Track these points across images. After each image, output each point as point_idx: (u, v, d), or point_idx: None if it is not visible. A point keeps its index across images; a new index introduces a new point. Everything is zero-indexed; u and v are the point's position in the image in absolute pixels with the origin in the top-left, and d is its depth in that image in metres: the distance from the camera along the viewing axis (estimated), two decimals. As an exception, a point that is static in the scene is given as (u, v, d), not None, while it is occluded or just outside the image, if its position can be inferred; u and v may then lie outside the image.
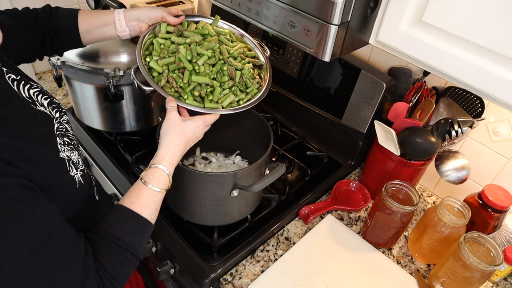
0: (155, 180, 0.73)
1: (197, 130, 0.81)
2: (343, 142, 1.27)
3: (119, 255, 0.66)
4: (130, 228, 0.68)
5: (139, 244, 0.69)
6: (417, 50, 0.72)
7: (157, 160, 0.75)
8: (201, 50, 0.89)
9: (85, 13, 0.93)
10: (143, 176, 0.73)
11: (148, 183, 0.72)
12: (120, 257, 0.66)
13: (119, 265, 0.65)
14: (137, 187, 0.72)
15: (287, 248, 1.03)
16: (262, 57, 1.01)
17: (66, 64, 1.10)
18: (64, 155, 0.69)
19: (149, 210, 0.71)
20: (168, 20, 0.93)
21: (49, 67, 1.64)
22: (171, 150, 0.76)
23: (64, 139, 0.72)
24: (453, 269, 0.88)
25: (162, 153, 0.76)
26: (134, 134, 1.29)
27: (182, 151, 0.79)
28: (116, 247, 0.66)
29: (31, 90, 0.73)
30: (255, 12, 0.85)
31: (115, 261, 0.65)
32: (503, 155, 1.05)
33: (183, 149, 0.79)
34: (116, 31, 0.93)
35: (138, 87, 0.90)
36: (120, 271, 0.66)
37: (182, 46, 0.89)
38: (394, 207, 0.94)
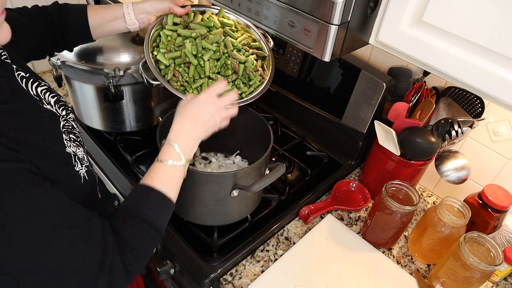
0: (165, 155, 0.73)
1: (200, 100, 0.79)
2: (343, 142, 1.27)
3: (136, 226, 0.66)
4: (146, 201, 0.69)
5: (156, 216, 0.69)
6: (417, 50, 0.72)
7: (167, 139, 0.76)
8: (206, 45, 0.91)
9: (94, 8, 0.94)
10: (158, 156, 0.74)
11: (159, 159, 0.73)
12: (138, 228, 0.66)
13: (138, 236, 0.66)
14: (153, 166, 0.73)
15: (287, 248, 1.03)
16: (266, 48, 1.02)
17: (66, 64, 1.10)
18: (70, 151, 0.70)
19: (163, 183, 0.71)
20: (175, 10, 0.95)
21: (49, 67, 1.64)
22: (175, 126, 0.76)
23: (70, 135, 0.73)
24: (453, 269, 0.88)
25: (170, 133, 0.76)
26: (134, 134, 1.29)
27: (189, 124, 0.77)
28: (133, 219, 0.66)
29: (39, 88, 0.74)
30: (255, 12, 0.85)
31: (133, 232, 0.65)
32: (503, 155, 1.05)
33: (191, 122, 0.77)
34: (125, 25, 0.95)
35: (146, 81, 0.93)
36: (140, 242, 0.66)
37: (188, 41, 0.91)
38: (394, 207, 0.94)
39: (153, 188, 0.70)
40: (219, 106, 0.80)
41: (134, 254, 0.65)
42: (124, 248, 0.64)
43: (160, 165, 0.73)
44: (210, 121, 0.79)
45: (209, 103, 0.79)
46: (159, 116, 1.00)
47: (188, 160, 0.76)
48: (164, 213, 0.71)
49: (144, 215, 0.67)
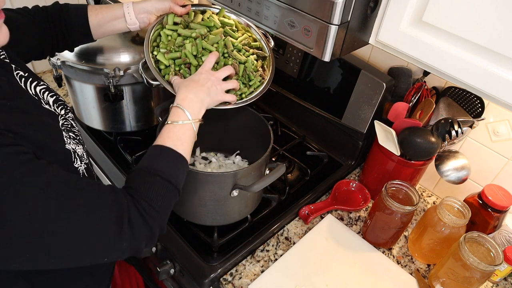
0: (173, 117, 0.76)
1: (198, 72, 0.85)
2: (343, 142, 1.27)
3: (151, 180, 0.67)
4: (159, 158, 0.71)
5: (170, 171, 0.70)
6: (417, 50, 0.72)
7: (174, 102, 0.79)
8: (206, 45, 0.91)
9: (95, 8, 0.95)
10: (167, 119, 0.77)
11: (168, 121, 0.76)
12: (152, 181, 0.67)
13: (153, 189, 0.67)
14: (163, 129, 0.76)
15: (287, 248, 1.03)
16: (266, 48, 1.02)
17: (66, 64, 1.10)
18: (70, 147, 0.71)
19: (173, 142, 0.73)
20: (176, 10, 0.95)
21: (49, 67, 1.64)
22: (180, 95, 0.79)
23: (70, 133, 0.74)
24: (453, 269, 0.88)
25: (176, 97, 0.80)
26: (134, 134, 1.29)
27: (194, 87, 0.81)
28: (147, 174, 0.68)
29: (38, 87, 0.74)
30: (255, 12, 0.85)
31: (148, 185, 0.67)
32: (503, 155, 1.05)
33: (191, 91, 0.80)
34: (126, 24, 0.96)
35: (146, 81, 0.93)
36: (155, 194, 0.66)
37: (188, 41, 0.91)
38: (394, 207, 0.94)
39: (164, 146, 0.71)
40: (217, 77, 0.85)
41: (152, 205, 0.65)
42: (140, 199, 0.65)
43: (169, 126, 0.75)
44: (212, 88, 0.83)
45: (208, 74, 0.84)
46: (159, 116, 1.00)
47: (197, 119, 0.78)
48: (178, 168, 0.72)
49: (157, 170, 0.68)
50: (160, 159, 0.71)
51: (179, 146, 0.73)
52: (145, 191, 0.66)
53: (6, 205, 0.52)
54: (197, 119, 0.78)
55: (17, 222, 0.53)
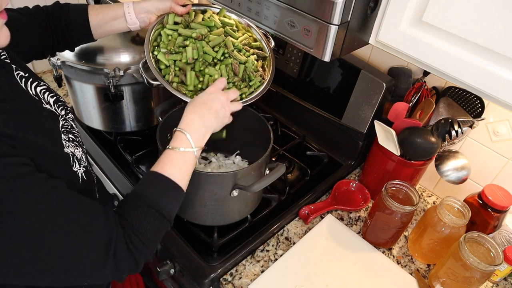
0: (176, 142, 0.74)
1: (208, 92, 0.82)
2: (343, 142, 1.27)
3: (144, 211, 0.66)
4: (155, 187, 0.69)
5: (165, 203, 0.68)
6: (417, 50, 0.72)
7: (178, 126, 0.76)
8: (207, 49, 0.91)
9: (95, 8, 0.95)
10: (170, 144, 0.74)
11: (170, 147, 0.74)
12: (145, 213, 0.66)
13: (145, 221, 0.65)
14: (163, 153, 0.74)
15: (287, 248, 1.03)
16: (266, 48, 1.02)
17: (66, 64, 1.10)
18: (69, 151, 0.70)
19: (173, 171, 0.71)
20: (176, 10, 0.95)
21: (49, 67, 1.64)
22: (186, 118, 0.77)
23: (69, 135, 0.74)
24: (453, 269, 0.88)
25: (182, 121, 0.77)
26: (134, 134, 1.29)
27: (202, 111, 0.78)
28: (141, 204, 0.66)
29: (38, 87, 0.74)
30: (255, 12, 0.85)
31: (140, 217, 0.65)
32: (503, 155, 1.05)
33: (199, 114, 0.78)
34: (126, 24, 0.96)
35: (146, 81, 0.93)
36: (147, 227, 0.65)
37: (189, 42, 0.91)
38: (394, 207, 0.94)
39: (162, 174, 0.69)
40: (227, 98, 0.83)
41: (141, 239, 0.64)
42: (130, 231, 0.63)
43: (170, 152, 0.73)
44: (221, 111, 0.81)
45: (218, 94, 0.82)
46: (159, 116, 1.00)
47: (200, 147, 0.76)
48: (173, 200, 0.70)
49: (152, 201, 0.67)
50: (156, 189, 0.69)
51: (178, 176, 0.71)
52: (137, 222, 0.65)
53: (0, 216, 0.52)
54: (200, 146, 0.76)
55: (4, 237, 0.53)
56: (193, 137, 0.74)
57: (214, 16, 1.00)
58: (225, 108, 0.82)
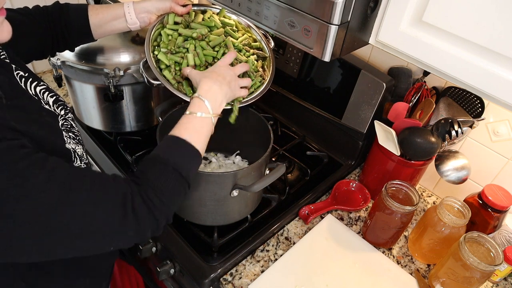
0: (194, 108, 0.75)
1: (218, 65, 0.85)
2: (343, 142, 1.27)
3: (162, 169, 0.67)
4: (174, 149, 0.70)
5: (182, 163, 0.69)
6: (417, 50, 0.72)
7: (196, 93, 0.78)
8: (208, 52, 0.91)
9: (95, 8, 0.95)
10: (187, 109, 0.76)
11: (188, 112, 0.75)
12: (163, 170, 0.67)
13: (162, 178, 0.66)
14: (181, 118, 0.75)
15: (287, 248, 1.03)
16: (266, 49, 1.02)
17: (66, 64, 1.10)
18: (70, 147, 0.71)
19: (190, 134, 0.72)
20: (176, 10, 0.95)
21: (49, 67, 1.64)
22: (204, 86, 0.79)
23: (70, 133, 0.74)
24: (453, 269, 0.88)
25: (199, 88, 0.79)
26: (134, 134, 1.29)
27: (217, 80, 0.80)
28: (159, 163, 0.67)
29: (38, 87, 0.74)
30: (255, 12, 0.85)
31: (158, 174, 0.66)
32: (503, 155, 1.05)
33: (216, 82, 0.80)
34: (126, 24, 0.96)
35: (147, 81, 0.93)
36: (164, 184, 0.66)
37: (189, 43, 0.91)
38: (394, 207, 0.94)
39: (180, 137, 0.71)
40: (235, 72, 0.86)
41: (157, 194, 0.64)
42: (146, 186, 0.64)
43: (189, 117, 0.74)
44: (232, 82, 0.83)
45: (227, 68, 0.84)
46: (159, 116, 1.00)
47: (216, 114, 0.77)
48: (191, 162, 0.71)
49: (168, 160, 0.67)
50: (174, 150, 0.70)
51: (196, 139, 0.72)
52: (155, 180, 0.65)
53: (10, 200, 0.52)
54: (217, 113, 0.78)
55: (23, 216, 0.53)
56: (211, 103, 0.76)
57: (214, 16, 1.00)
58: (235, 81, 0.85)
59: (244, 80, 0.88)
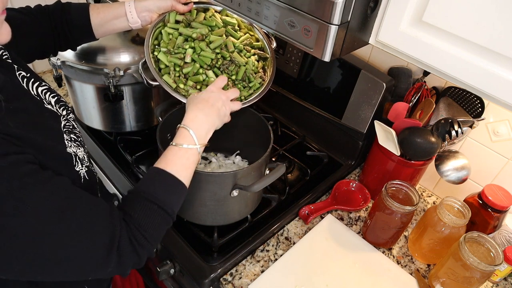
0: (180, 139, 0.75)
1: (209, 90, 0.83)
2: (343, 142, 1.27)
3: (146, 206, 0.67)
4: (158, 183, 0.70)
5: (168, 199, 0.69)
6: (417, 50, 0.72)
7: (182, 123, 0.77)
8: (206, 54, 0.91)
9: (96, 7, 0.95)
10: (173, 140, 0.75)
11: (173, 143, 0.74)
12: (148, 208, 0.67)
13: (147, 216, 0.66)
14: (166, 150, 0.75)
15: (287, 248, 1.03)
16: (268, 49, 1.02)
17: (66, 64, 1.10)
18: (71, 151, 0.71)
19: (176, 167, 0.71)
20: (178, 8, 0.95)
21: (49, 67, 1.64)
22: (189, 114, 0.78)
23: (71, 135, 0.74)
24: (453, 269, 0.88)
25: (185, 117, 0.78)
26: (134, 134, 1.29)
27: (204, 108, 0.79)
28: (143, 200, 0.67)
29: (40, 88, 0.74)
30: (255, 12, 0.85)
31: (143, 212, 0.66)
32: (503, 155, 1.05)
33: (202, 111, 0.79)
34: (128, 23, 0.96)
35: (146, 81, 0.93)
36: (149, 223, 0.66)
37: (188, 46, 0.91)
38: (394, 207, 0.94)
39: (165, 171, 0.70)
40: (227, 96, 0.84)
41: (144, 235, 0.65)
42: (133, 226, 0.64)
43: (174, 149, 0.73)
44: (222, 109, 0.82)
45: (219, 92, 0.83)
46: (159, 116, 1.00)
47: (203, 144, 0.76)
48: (176, 196, 0.71)
49: (154, 197, 0.67)
50: (159, 185, 0.69)
51: (181, 173, 0.71)
52: (140, 219, 0.65)
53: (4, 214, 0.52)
54: (203, 143, 0.77)
55: (10, 234, 0.53)
56: (196, 133, 0.75)
57: (215, 15, 1.00)
58: (226, 107, 0.83)
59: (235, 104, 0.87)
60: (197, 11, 0.99)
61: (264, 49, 1.02)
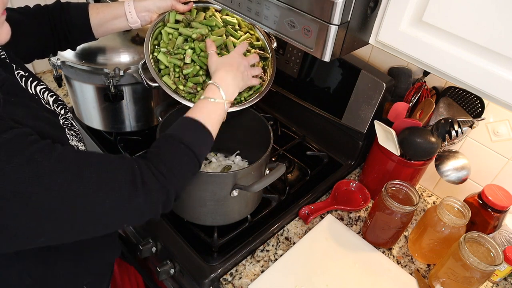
0: (209, 93, 0.80)
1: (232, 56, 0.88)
2: (343, 142, 1.27)
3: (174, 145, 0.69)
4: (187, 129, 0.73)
5: (195, 143, 0.71)
6: (417, 50, 0.72)
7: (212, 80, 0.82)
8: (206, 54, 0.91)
9: (96, 6, 0.95)
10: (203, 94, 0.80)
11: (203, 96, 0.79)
12: (175, 146, 0.69)
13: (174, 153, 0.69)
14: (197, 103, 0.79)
15: (287, 248, 1.03)
16: (268, 49, 1.02)
17: (66, 64, 1.10)
18: (74, 144, 0.72)
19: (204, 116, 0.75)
20: (177, 7, 0.95)
21: (49, 67, 1.64)
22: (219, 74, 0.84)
23: (71, 132, 0.74)
24: (453, 269, 0.88)
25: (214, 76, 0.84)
26: (134, 134, 1.29)
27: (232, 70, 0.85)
28: (172, 140, 0.70)
29: (38, 87, 0.75)
30: (255, 12, 0.85)
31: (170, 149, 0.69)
32: (503, 155, 1.05)
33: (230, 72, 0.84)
34: (127, 23, 0.96)
35: (145, 82, 0.94)
36: (176, 159, 0.69)
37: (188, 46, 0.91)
38: (394, 207, 0.94)
39: (194, 119, 0.74)
40: (248, 61, 0.90)
41: (167, 166, 0.66)
42: (157, 161, 0.66)
43: (204, 101, 0.78)
44: (245, 72, 0.88)
45: (241, 58, 0.89)
46: (159, 116, 1.00)
47: (230, 101, 0.82)
48: (203, 142, 0.74)
49: (183, 139, 0.70)
50: (188, 129, 0.73)
51: (209, 122, 0.75)
52: (165, 154, 0.68)
53: (25, 184, 0.53)
54: (230, 100, 0.81)
55: (38, 199, 0.54)
56: (224, 90, 0.80)
57: (216, 14, 0.99)
58: (248, 71, 0.89)
59: (255, 70, 0.92)
60: (197, 10, 0.98)
61: (265, 48, 1.02)
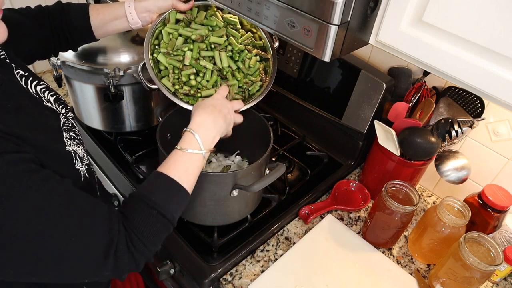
0: (185, 143, 0.73)
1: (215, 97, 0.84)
2: (343, 142, 1.27)
3: (146, 212, 0.65)
4: (159, 188, 0.68)
5: (168, 205, 0.67)
6: (417, 50, 0.72)
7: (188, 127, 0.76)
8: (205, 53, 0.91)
9: (96, 7, 0.94)
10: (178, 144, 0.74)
11: (178, 147, 0.73)
12: (147, 214, 0.65)
13: (146, 223, 0.64)
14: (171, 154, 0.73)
15: (287, 248, 1.03)
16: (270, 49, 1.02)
17: (66, 64, 1.10)
18: (71, 149, 0.70)
19: (179, 172, 0.70)
20: (178, 6, 0.94)
21: (49, 67, 1.64)
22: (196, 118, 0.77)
23: (70, 133, 0.74)
24: (453, 269, 0.88)
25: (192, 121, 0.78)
26: (134, 134, 1.29)
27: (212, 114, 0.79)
28: (143, 205, 0.65)
29: (38, 86, 0.74)
30: (255, 12, 0.85)
31: (142, 218, 0.64)
32: (503, 155, 1.05)
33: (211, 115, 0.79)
34: (128, 24, 0.95)
35: (145, 84, 0.93)
36: (148, 229, 0.64)
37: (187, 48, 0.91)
38: (394, 207, 0.94)
39: (168, 176, 0.68)
40: (232, 106, 0.85)
41: (142, 241, 0.63)
42: (132, 233, 0.63)
43: (178, 153, 0.72)
44: (228, 116, 0.82)
45: (224, 100, 0.84)
46: (159, 116, 1.00)
47: (209, 150, 0.75)
48: (178, 203, 0.69)
49: (154, 202, 0.66)
50: (161, 191, 0.68)
51: (184, 179, 0.70)
52: (139, 224, 0.64)
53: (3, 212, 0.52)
54: (209, 149, 0.75)
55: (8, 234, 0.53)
56: (202, 138, 0.74)
57: (217, 13, 0.99)
58: (230, 115, 0.83)
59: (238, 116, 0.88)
60: (198, 9, 0.98)
61: (266, 47, 1.01)
